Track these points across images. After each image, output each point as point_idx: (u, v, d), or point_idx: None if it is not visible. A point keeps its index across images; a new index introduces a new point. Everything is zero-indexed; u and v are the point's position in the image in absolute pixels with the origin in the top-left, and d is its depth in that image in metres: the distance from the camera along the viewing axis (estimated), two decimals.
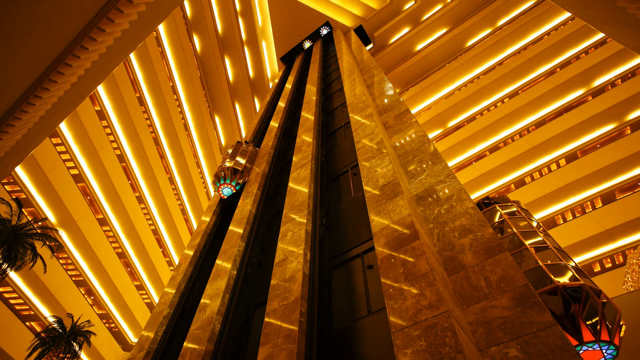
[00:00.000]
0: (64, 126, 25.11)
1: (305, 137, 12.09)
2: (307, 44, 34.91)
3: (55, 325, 22.75)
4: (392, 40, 35.67)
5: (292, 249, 7.06)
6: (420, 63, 34.93)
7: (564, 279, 7.75)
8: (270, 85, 36.08)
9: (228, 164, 13.45)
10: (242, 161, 13.72)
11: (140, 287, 34.66)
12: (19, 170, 23.48)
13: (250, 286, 8.54)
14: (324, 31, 33.99)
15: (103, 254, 29.33)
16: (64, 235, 26.29)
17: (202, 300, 8.03)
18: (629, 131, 22.18)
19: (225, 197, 13.51)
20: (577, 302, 7.28)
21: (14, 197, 23.08)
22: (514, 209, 10.65)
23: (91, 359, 29.02)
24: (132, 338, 33.58)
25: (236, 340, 7.18)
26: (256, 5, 33.12)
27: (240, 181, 13.27)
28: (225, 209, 13.80)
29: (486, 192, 26.13)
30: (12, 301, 24.84)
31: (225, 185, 13.24)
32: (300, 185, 9.23)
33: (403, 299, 4.35)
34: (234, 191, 13.32)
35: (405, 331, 3.95)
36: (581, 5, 8.66)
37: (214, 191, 13.90)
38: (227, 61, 35.67)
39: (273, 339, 5.27)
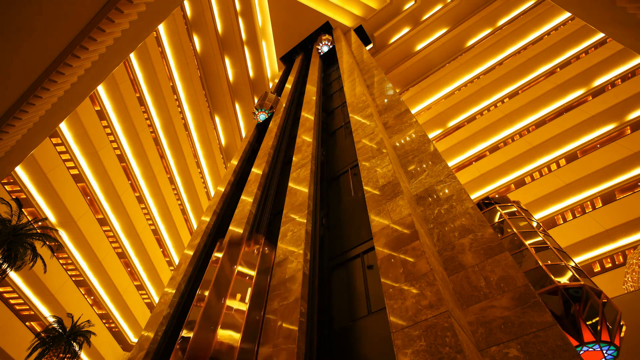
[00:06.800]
0: (64, 126, 25.09)
1: (305, 137, 12.09)
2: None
3: (55, 325, 22.71)
4: (392, 40, 35.64)
5: (292, 249, 7.06)
6: (420, 63, 34.89)
7: (564, 279, 7.73)
8: (271, 85, 36.07)
9: (261, 101, 20.81)
10: (269, 102, 20.80)
11: (140, 287, 34.65)
12: (19, 170, 23.47)
13: None
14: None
15: (103, 254, 29.32)
16: (64, 235, 26.27)
17: None
18: (629, 131, 22.17)
19: (261, 122, 20.73)
20: (577, 303, 7.26)
21: (14, 197, 23.08)
22: (514, 209, 10.63)
23: (91, 359, 29.01)
24: (132, 338, 33.57)
25: None
26: (256, 5, 33.09)
27: (268, 112, 20.49)
28: (226, 207, 13.81)
29: (486, 192, 26.12)
30: (12, 301, 24.83)
31: (261, 113, 20.50)
32: (300, 185, 9.22)
33: (403, 299, 4.35)
34: (266, 117, 20.40)
35: (405, 331, 3.95)
36: (581, 5, 8.67)
37: (254, 118, 21.22)
38: (227, 61, 35.64)
39: (273, 339, 5.27)
